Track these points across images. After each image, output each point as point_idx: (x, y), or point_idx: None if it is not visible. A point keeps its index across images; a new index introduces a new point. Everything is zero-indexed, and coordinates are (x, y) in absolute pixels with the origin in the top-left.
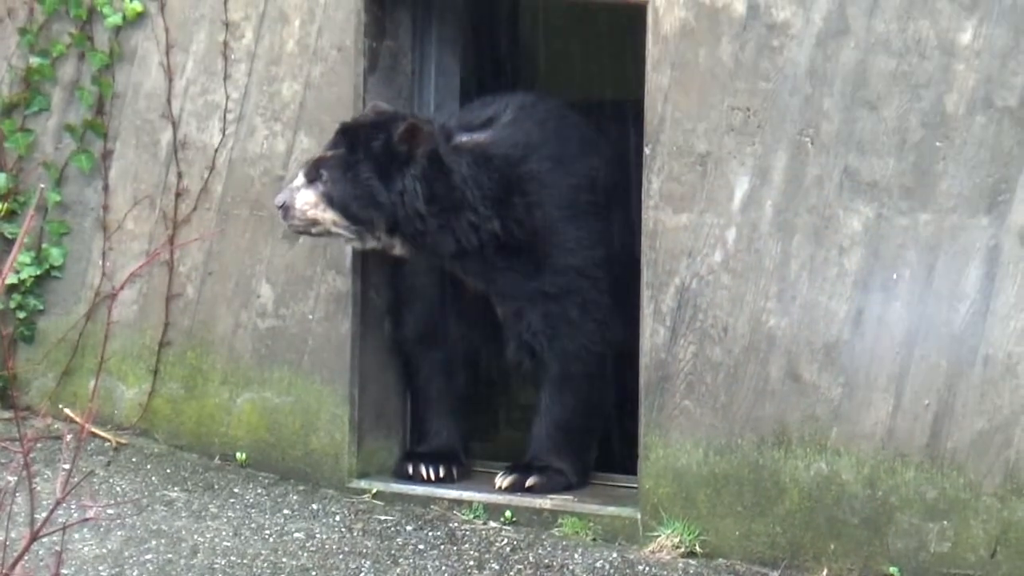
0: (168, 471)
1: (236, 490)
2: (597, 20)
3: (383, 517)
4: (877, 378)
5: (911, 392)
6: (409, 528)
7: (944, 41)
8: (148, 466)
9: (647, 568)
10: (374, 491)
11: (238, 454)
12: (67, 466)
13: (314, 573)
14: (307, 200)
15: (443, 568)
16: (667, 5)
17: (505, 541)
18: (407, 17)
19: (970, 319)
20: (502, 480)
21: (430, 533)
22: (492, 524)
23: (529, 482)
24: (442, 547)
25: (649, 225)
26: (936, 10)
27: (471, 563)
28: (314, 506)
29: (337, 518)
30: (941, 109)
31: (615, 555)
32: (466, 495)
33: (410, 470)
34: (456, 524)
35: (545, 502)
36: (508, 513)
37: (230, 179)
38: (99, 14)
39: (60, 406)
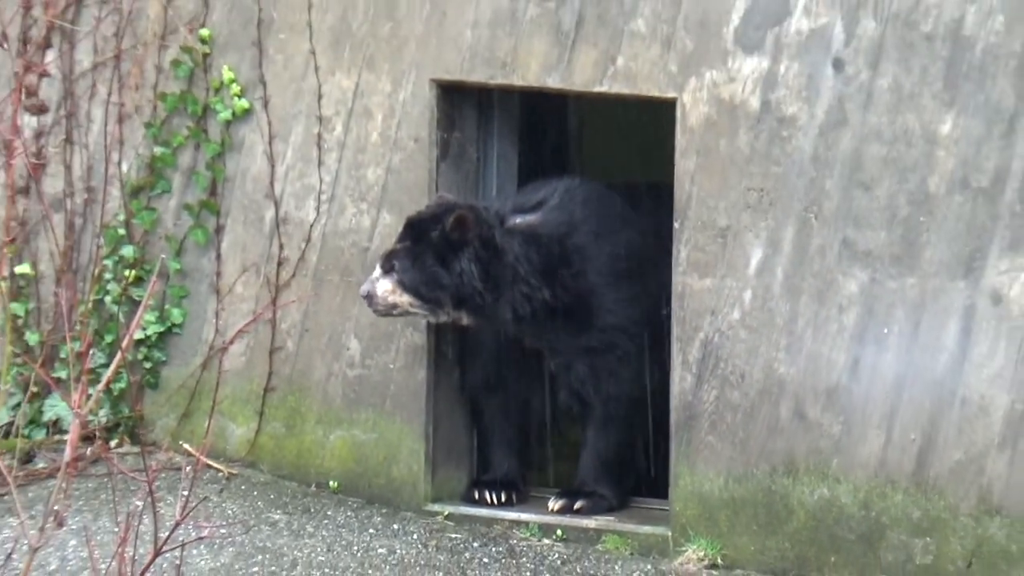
0: (271, 497)
1: (329, 513)
2: (633, 114)
3: (453, 535)
4: (871, 417)
5: (900, 428)
6: (475, 544)
7: (927, 131)
8: (255, 493)
9: None
10: (446, 513)
11: (331, 482)
12: (186, 492)
13: None
14: (385, 288)
15: None
16: (693, 102)
17: (556, 555)
18: (473, 112)
19: (950, 367)
20: (554, 504)
21: (493, 549)
22: (545, 541)
23: (577, 505)
24: (503, 560)
25: (678, 288)
26: (921, 105)
27: (528, 574)
28: (395, 526)
29: (414, 536)
30: (925, 189)
31: (649, 567)
32: (524, 516)
33: (476, 495)
34: (515, 541)
35: (590, 522)
36: (559, 531)
37: (323, 250)
38: (212, 110)
39: (180, 442)
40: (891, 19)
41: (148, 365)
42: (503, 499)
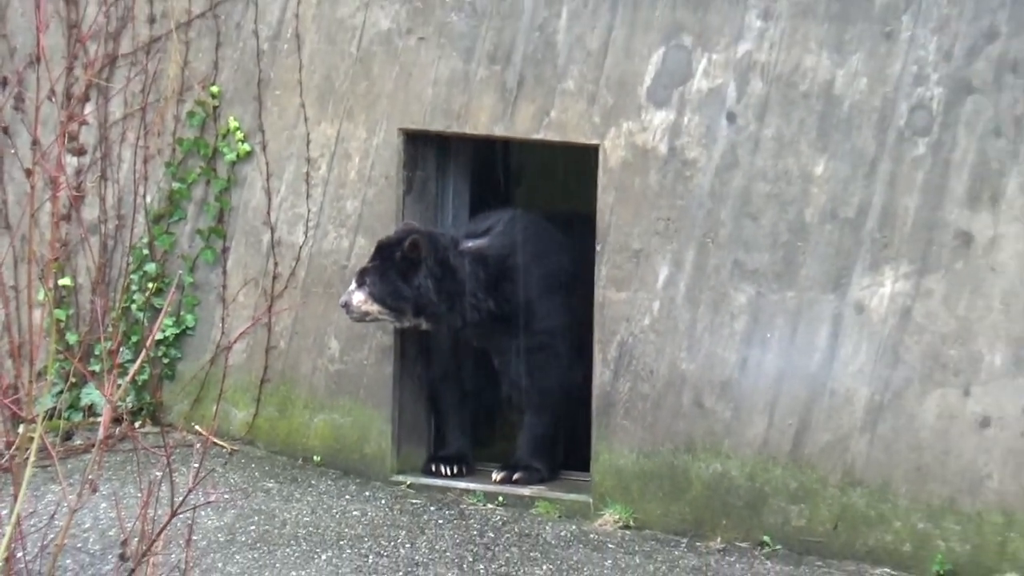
0: (266, 469)
1: (313, 482)
2: (565, 156)
3: (414, 501)
4: (756, 405)
5: (780, 414)
6: (432, 508)
7: (804, 172)
8: (252, 465)
9: (596, 536)
10: (408, 483)
11: (315, 457)
12: (196, 465)
13: (366, 539)
14: (359, 299)
15: (456, 536)
16: (612, 147)
17: (498, 517)
18: (433, 155)
19: (821, 364)
20: (496, 476)
21: (447, 512)
22: (489, 506)
23: (515, 477)
24: (455, 522)
25: (599, 299)
26: (799, 151)
27: (475, 532)
28: (367, 493)
29: (382, 501)
30: (802, 219)
31: (574, 527)
32: (472, 486)
33: (433, 468)
34: (465, 506)
35: (526, 491)
36: (500, 498)
37: (310, 267)
38: (220, 153)
39: (192, 424)
40: (775, 80)
41: (166, 361)
42: (455, 471)
